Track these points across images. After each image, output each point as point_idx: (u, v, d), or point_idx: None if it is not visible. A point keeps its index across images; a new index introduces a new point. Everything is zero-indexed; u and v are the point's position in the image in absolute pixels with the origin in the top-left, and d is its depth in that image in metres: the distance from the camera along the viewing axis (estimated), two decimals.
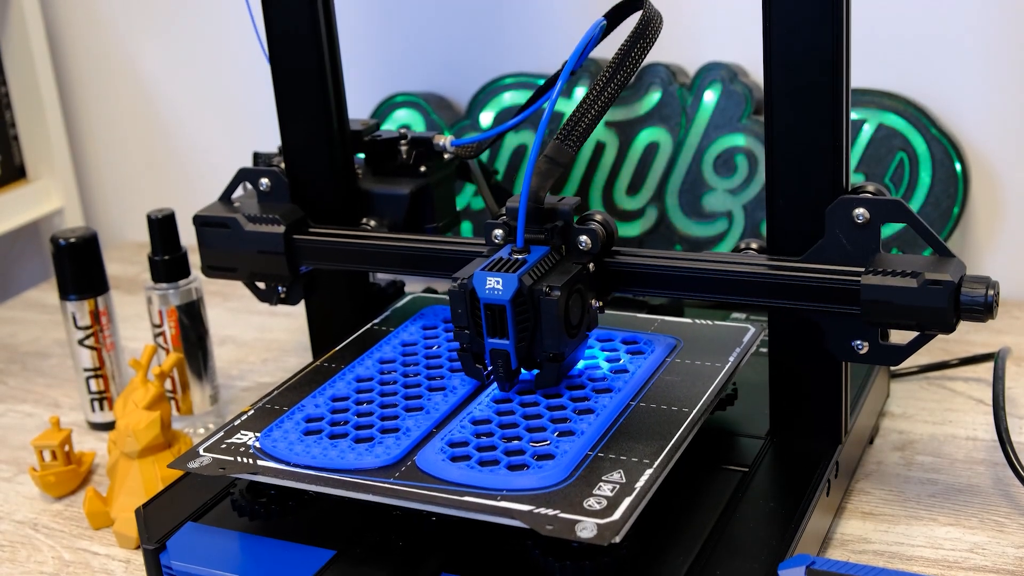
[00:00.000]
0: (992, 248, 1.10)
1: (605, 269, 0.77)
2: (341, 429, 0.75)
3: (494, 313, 0.73)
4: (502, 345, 0.73)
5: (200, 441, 0.75)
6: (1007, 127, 1.07)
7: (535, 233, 0.76)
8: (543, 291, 0.72)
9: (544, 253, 0.75)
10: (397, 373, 0.82)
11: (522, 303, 0.72)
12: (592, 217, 0.77)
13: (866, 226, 0.72)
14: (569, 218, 0.76)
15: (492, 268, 0.73)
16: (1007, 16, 1.04)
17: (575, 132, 0.75)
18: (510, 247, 0.75)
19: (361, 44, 1.27)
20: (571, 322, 0.74)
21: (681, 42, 1.12)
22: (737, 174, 1.11)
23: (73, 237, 0.97)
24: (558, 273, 0.74)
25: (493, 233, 0.78)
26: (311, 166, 0.92)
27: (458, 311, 0.74)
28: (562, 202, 0.76)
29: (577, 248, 0.76)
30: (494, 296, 0.72)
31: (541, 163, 0.75)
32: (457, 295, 0.74)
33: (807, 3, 0.71)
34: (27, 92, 1.40)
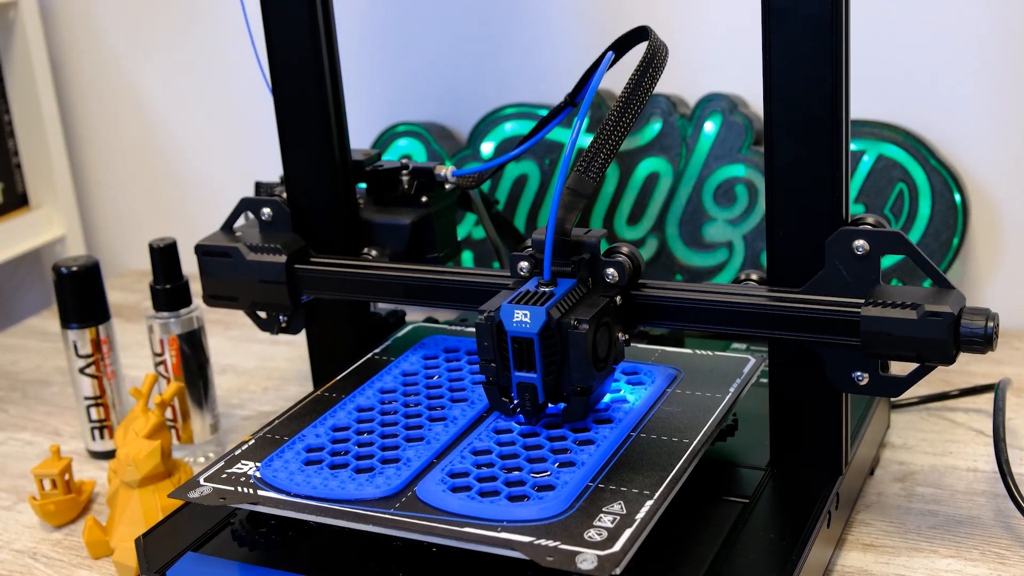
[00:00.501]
0: (992, 279, 1.11)
1: (632, 302, 0.77)
2: (342, 459, 0.75)
3: (522, 346, 0.72)
4: (529, 379, 0.73)
5: (200, 471, 0.75)
6: (1006, 158, 1.07)
7: (562, 266, 0.76)
8: (571, 324, 0.71)
9: (571, 286, 0.75)
10: (398, 403, 0.82)
11: (550, 336, 0.72)
12: (619, 249, 0.77)
13: (866, 257, 0.72)
14: (596, 250, 0.76)
15: (519, 301, 0.73)
16: (1006, 48, 1.05)
17: (595, 163, 0.75)
18: (537, 279, 0.75)
19: (363, 74, 1.28)
20: (599, 355, 0.73)
21: (681, 73, 1.13)
22: (737, 204, 1.11)
23: (75, 266, 0.98)
24: (586, 306, 0.74)
25: (519, 265, 0.78)
26: (313, 196, 0.93)
27: (485, 344, 0.74)
28: (588, 234, 0.76)
29: (604, 281, 0.76)
30: (522, 329, 0.72)
31: (565, 195, 0.75)
32: (484, 328, 0.73)
33: (806, 37, 0.71)
34: (30, 120, 1.41)
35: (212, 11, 1.36)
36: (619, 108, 0.76)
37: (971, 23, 1.05)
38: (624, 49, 0.83)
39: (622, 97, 0.76)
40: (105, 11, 1.42)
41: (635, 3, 1.16)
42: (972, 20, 1.05)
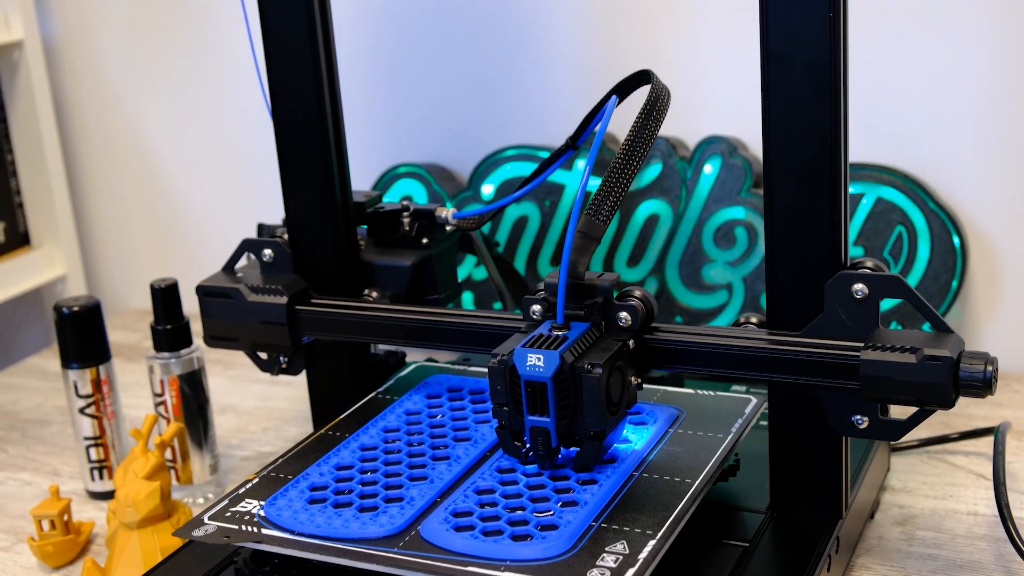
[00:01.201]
0: (991, 321, 1.11)
1: (645, 346, 0.77)
2: (345, 498, 0.75)
3: (535, 390, 0.73)
4: (542, 423, 0.73)
5: (204, 509, 0.75)
6: (1005, 201, 1.08)
7: (574, 309, 0.76)
8: (585, 368, 0.71)
9: (584, 329, 0.75)
10: (401, 442, 0.83)
11: (563, 380, 0.72)
12: (632, 293, 0.77)
13: (865, 301, 0.73)
14: (609, 294, 0.76)
15: (533, 344, 0.73)
16: (1004, 91, 1.05)
17: (604, 207, 0.76)
18: (550, 323, 0.75)
19: (364, 115, 1.29)
20: (612, 399, 0.74)
21: (681, 115, 1.14)
22: (737, 246, 1.11)
23: (76, 306, 0.98)
24: (599, 350, 0.74)
25: (531, 309, 0.78)
26: (314, 237, 0.93)
27: (498, 388, 0.74)
28: (601, 278, 0.77)
29: (617, 324, 0.76)
30: (535, 373, 0.72)
31: (577, 239, 0.76)
32: (497, 371, 0.73)
33: (805, 82, 0.72)
34: (33, 159, 1.41)
35: (215, 53, 1.36)
36: (625, 152, 0.76)
37: (969, 67, 1.06)
38: (626, 92, 0.84)
39: (627, 141, 0.77)
40: (109, 52, 1.43)
41: (634, 46, 1.17)
42: (970, 64, 1.05)
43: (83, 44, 1.44)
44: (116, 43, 1.42)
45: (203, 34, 1.37)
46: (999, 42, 1.04)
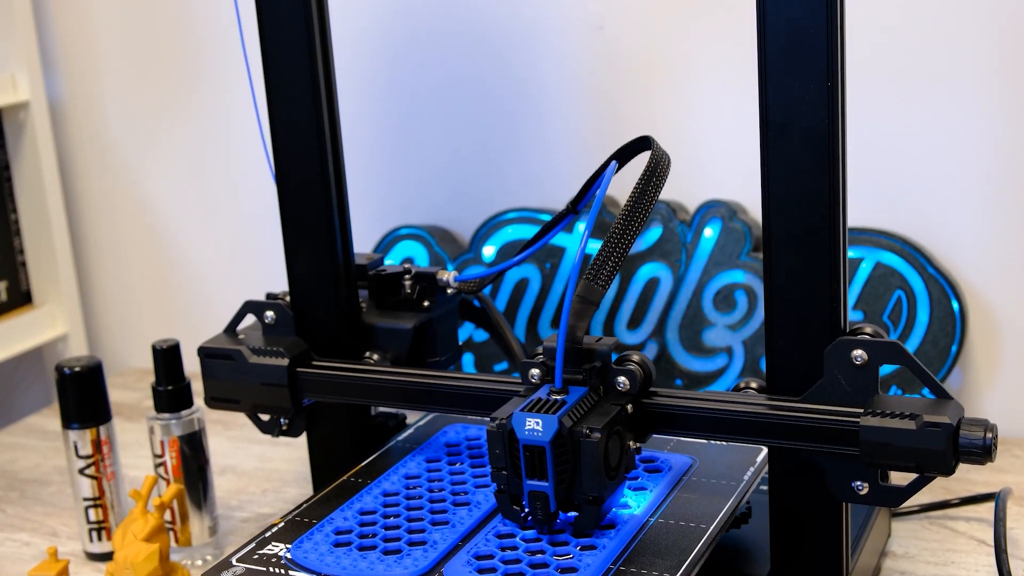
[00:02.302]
0: (991, 386, 1.11)
1: (643, 410, 0.77)
2: (370, 541, 0.77)
3: (533, 455, 0.73)
4: (541, 487, 0.73)
5: (231, 552, 0.77)
6: (1004, 266, 1.08)
7: (573, 373, 0.76)
8: (583, 433, 0.72)
9: (583, 394, 0.75)
10: (422, 488, 0.85)
11: (562, 445, 0.72)
12: (630, 358, 0.78)
13: (864, 367, 0.73)
14: (607, 358, 0.77)
15: (531, 409, 0.73)
16: (1003, 156, 1.06)
17: (603, 271, 0.76)
18: (548, 387, 0.76)
19: (366, 177, 1.30)
20: (611, 464, 0.74)
21: (681, 179, 1.14)
22: (737, 310, 1.12)
23: (78, 366, 0.98)
24: (598, 414, 0.74)
25: (530, 372, 0.78)
26: (316, 299, 0.94)
27: (496, 451, 0.74)
28: (600, 342, 0.77)
29: (615, 389, 0.77)
30: (534, 437, 0.72)
31: (575, 303, 0.76)
32: (495, 436, 0.74)
33: (804, 149, 0.72)
34: (36, 219, 1.42)
35: (219, 116, 1.38)
36: (625, 216, 0.77)
37: (968, 133, 1.07)
38: (627, 158, 0.85)
39: (627, 206, 0.77)
40: (114, 113, 1.44)
41: (634, 110, 1.18)
42: (969, 130, 1.06)
43: (88, 105, 1.45)
44: (121, 104, 1.44)
45: (208, 97, 1.38)
46: (998, 108, 1.05)
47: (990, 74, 1.05)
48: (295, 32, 0.89)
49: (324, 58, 0.90)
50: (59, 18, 1.44)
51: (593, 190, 0.88)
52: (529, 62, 1.21)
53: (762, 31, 0.73)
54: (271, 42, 0.90)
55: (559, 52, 1.19)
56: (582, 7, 1.17)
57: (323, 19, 0.90)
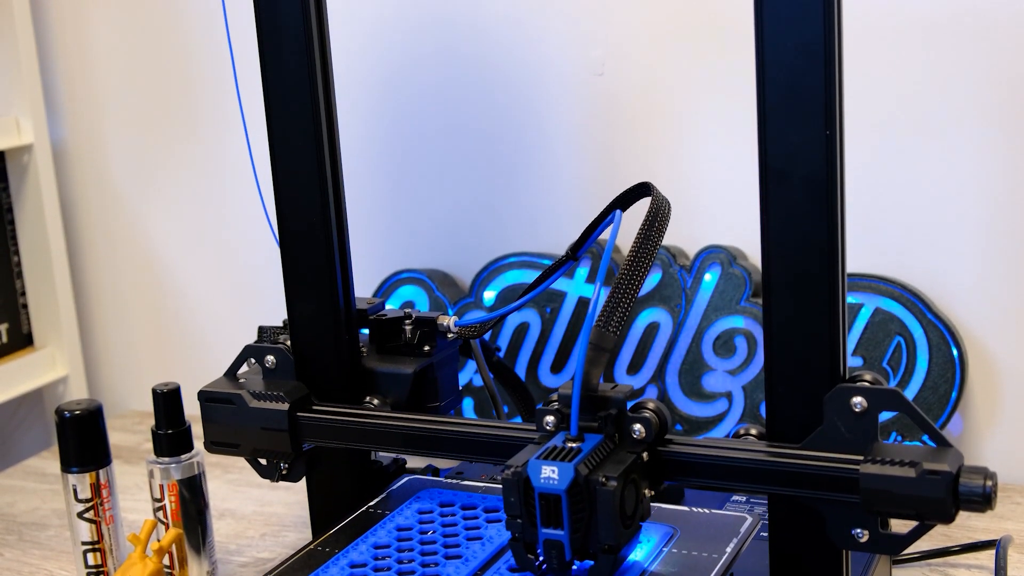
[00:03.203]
0: (991, 432, 1.11)
1: (658, 458, 0.77)
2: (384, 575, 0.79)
3: (549, 503, 0.72)
4: (556, 536, 0.73)
5: None
6: (1003, 313, 1.09)
7: (588, 421, 0.76)
8: (599, 481, 0.71)
9: (599, 442, 0.75)
10: (436, 523, 0.87)
11: (578, 493, 0.72)
12: (645, 405, 0.78)
13: (864, 414, 0.73)
14: (622, 406, 0.77)
15: (547, 456, 0.73)
16: (1002, 203, 1.07)
17: (614, 318, 0.77)
18: (564, 434, 0.76)
19: (367, 221, 1.30)
20: (626, 512, 0.73)
21: (681, 225, 1.15)
22: (736, 355, 1.12)
23: (78, 409, 0.98)
24: (613, 462, 0.74)
25: (545, 420, 0.78)
26: (317, 344, 0.94)
27: (511, 500, 0.74)
28: (615, 390, 0.77)
29: (631, 436, 0.77)
30: (550, 485, 0.72)
31: (589, 351, 0.76)
32: (511, 483, 0.73)
33: (803, 197, 0.73)
34: (38, 261, 1.43)
35: (221, 159, 1.38)
36: (630, 263, 0.78)
37: (966, 179, 1.07)
38: (627, 204, 0.85)
39: (631, 253, 0.78)
40: (116, 156, 1.45)
41: (633, 156, 1.18)
42: (967, 176, 1.07)
43: (91, 149, 1.46)
44: (123, 148, 1.44)
45: (210, 141, 1.39)
46: (996, 155, 1.06)
47: (988, 122, 1.05)
48: (298, 78, 0.90)
49: (326, 104, 0.91)
50: (63, 62, 1.45)
51: (594, 237, 0.89)
52: (529, 108, 1.21)
53: (761, 80, 0.74)
54: (274, 88, 0.91)
55: (559, 98, 1.20)
56: (582, 53, 1.18)
57: (326, 65, 0.91)
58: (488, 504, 0.89)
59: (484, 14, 1.21)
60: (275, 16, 0.89)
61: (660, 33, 1.15)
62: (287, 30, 0.89)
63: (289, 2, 0.89)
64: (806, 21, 0.72)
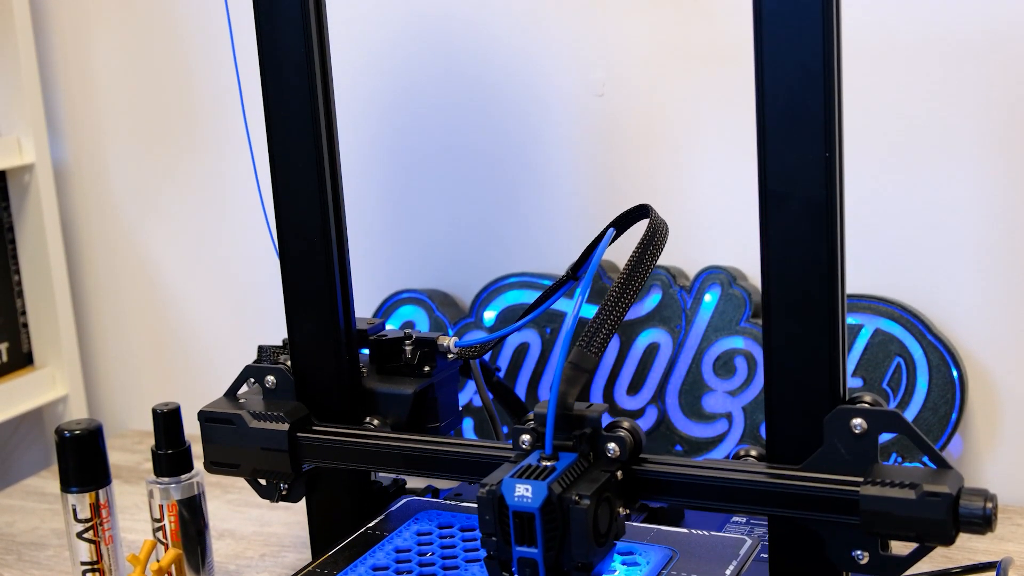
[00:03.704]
0: (991, 453, 1.11)
1: (633, 477, 0.77)
2: None
3: (523, 521, 0.73)
4: (530, 554, 0.73)
5: None
6: (1003, 334, 1.09)
7: (563, 439, 0.76)
8: (573, 500, 0.72)
9: (573, 460, 0.75)
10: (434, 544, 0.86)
11: (551, 511, 0.72)
12: (620, 424, 0.78)
13: (864, 436, 0.73)
14: (598, 425, 0.77)
15: (521, 475, 0.73)
16: (1001, 223, 1.07)
17: (597, 338, 0.77)
18: (538, 453, 0.76)
19: (367, 241, 1.30)
20: (600, 531, 0.73)
21: (680, 246, 1.15)
22: (736, 376, 1.12)
23: (78, 429, 0.98)
24: (587, 481, 0.74)
25: (520, 438, 0.78)
26: (317, 364, 0.94)
27: (486, 518, 0.74)
28: (590, 409, 0.77)
29: (605, 455, 0.77)
30: (523, 504, 0.72)
31: (567, 370, 0.76)
32: (485, 501, 0.74)
33: (803, 220, 0.73)
34: (39, 281, 1.43)
35: (222, 180, 1.39)
36: (621, 284, 0.78)
37: (966, 200, 1.07)
38: (625, 225, 0.85)
39: (624, 273, 0.78)
40: (117, 176, 1.45)
41: (634, 177, 1.19)
42: (967, 197, 1.07)
43: (92, 168, 1.46)
44: (125, 168, 1.45)
45: (211, 161, 1.39)
46: (995, 176, 1.06)
47: (987, 143, 1.06)
48: (299, 99, 0.90)
49: (327, 124, 0.91)
50: (65, 82, 1.46)
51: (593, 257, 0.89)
52: (530, 129, 1.22)
53: (761, 102, 0.74)
54: (276, 108, 0.91)
55: (559, 119, 1.20)
56: (582, 75, 1.18)
57: (327, 86, 0.91)
58: None
59: (485, 35, 1.22)
60: (277, 37, 0.90)
61: (660, 55, 1.16)
62: (289, 51, 0.90)
63: (291, 23, 0.89)
64: (805, 43, 0.72)
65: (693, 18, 1.13)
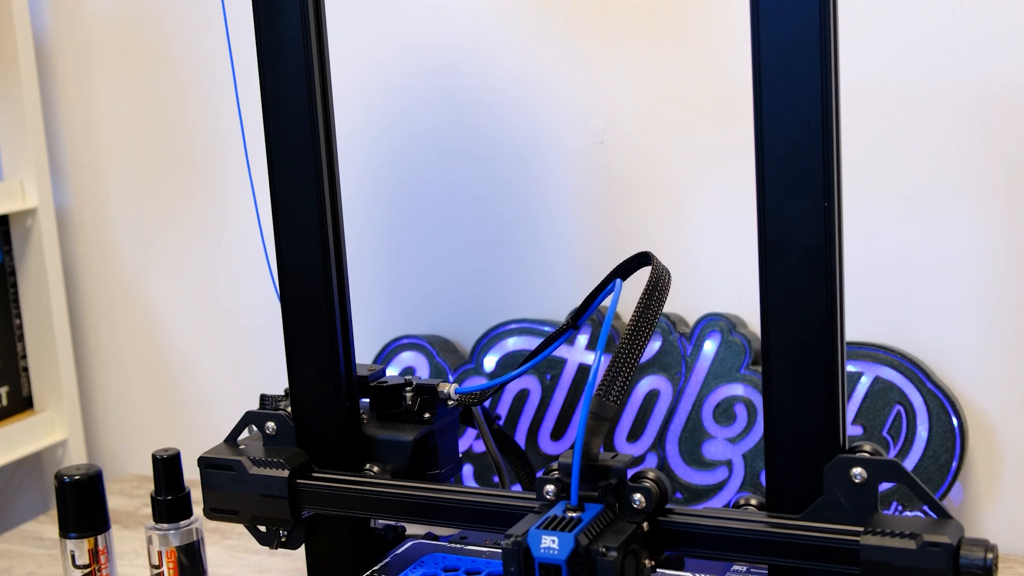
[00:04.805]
0: (992, 502, 1.11)
1: (658, 528, 0.77)
2: None
3: (549, 573, 0.72)
4: None
5: None
6: (1003, 382, 1.09)
7: (588, 490, 0.76)
8: (600, 551, 0.71)
9: (599, 511, 0.75)
10: None
11: (578, 563, 0.72)
12: (645, 475, 0.78)
13: (864, 485, 0.73)
14: (623, 475, 0.77)
15: (547, 526, 0.73)
16: (1000, 271, 1.07)
17: (614, 387, 0.77)
18: (564, 504, 0.76)
19: (367, 287, 1.31)
20: None
21: (681, 292, 1.16)
22: (736, 423, 1.12)
23: (77, 474, 0.98)
24: (614, 532, 0.74)
25: (545, 489, 0.78)
26: (317, 411, 0.94)
27: (511, 569, 0.73)
28: (615, 459, 0.77)
29: (631, 506, 0.77)
30: (550, 555, 0.72)
31: (589, 420, 0.76)
32: (511, 553, 0.73)
33: (802, 269, 0.74)
34: (40, 325, 1.43)
35: (223, 226, 1.39)
36: (631, 332, 0.78)
37: (965, 248, 1.08)
38: (628, 273, 0.86)
39: (632, 322, 0.78)
40: (119, 221, 1.46)
41: (633, 224, 1.19)
42: (966, 245, 1.08)
43: (94, 213, 1.47)
44: (126, 213, 1.45)
45: (212, 207, 1.40)
46: (995, 224, 1.07)
47: (987, 193, 1.06)
48: (302, 146, 0.91)
49: (329, 172, 0.92)
50: (68, 127, 1.47)
51: (595, 305, 0.89)
52: (530, 176, 1.22)
53: (760, 152, 0.74)
54: (278, 156, 0.92)
55: (560, 167, 1.21)
56: (582, 122, 1.19)
57: (329, 134, 0.92)
58: (492, 569, 0.89)
59: (485, 84, 1.23)
60: (281, 86, 0.90)
61: (660, 103, 1.16)
62: (292, 99, 0.90)
63: (295, 72, 0.90)
64: (804, 94, 0.73)
65: (693, 66, 1.14)
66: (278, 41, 0.90)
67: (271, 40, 0.90)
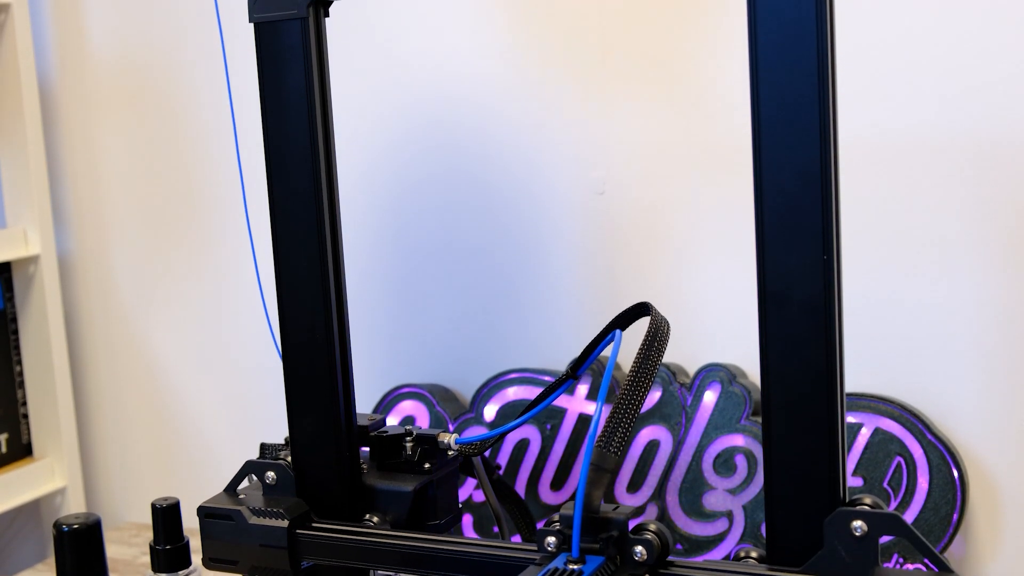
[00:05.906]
0: (994, 554, 1.10)
1: None
2: None
3: None
4: None
5: None
6: (1004, 433, 1.09)
7: (590, 542, 0.76)
8: None
9: (600, 564, 0.75)
10: None
11: None
12: (647, 527, 0.77)
13: (864, 538, 0.73)
14: (624, 527, 0.77)
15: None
16: (1001, 323, 1.07)
17: (615, 438, 0.77)
18: (565, 556, 0.75)
19: (369, 336, 1.31)
20: None
21: (681, 343, 1.16)
22: (736, 474, 1.12)
23: (76, 523, 0.97)
24: None
25: (546, 540, 0.78)
26: (317, 461, 0.94)
27: None
28: (616, 511, 0.77)
29: (632, 559, 0.76)
30: None
31: (590, 472, 0.76)
32: None
33: (801, 321, 0.74)
34: (40, 372, 1.43)
35: (224, 274, 1.40)
36: (630, 382, 0.78)
37: (966, 299, 1.08)
38: (626, 324, 0.86)
39: (631, 373, 0.78)
40: (120, 269, 1.46)
41: (632, 274, 1.20)
42: (967, 296, 1.08)
43: (96, 261, 1.48)
44: (128, 261, 1.46)
45: (213, 255, 1.40)
46: (994, 275, 1.07)
47: (987, 244, 1.07)
48: (304, 196, 0.91)
49: (331, 221, 0.92)
50: (72, 175, 1.47)
51: (594, 355, 0.89)
52: (530, 226, 1.23)
53: (759, 204, 0.75)
54: (279, 206, 0.92)
55: (560, 217, 1.22)
56: (582, 173, 1.20)
57: (331, 184, 0.92)
58: None
59: (486, 134, 1.23)
60: (282, 135, 0.91)
61: (660, 154, 1.17)
62: (293, 148, 0.91)
63: (296, 121, 0.90)
64: (803, 147, 0.73)
65: (693, 118, 1.15)
66: (282, 94, 0.90)
67: (275, 92, 0.91)
